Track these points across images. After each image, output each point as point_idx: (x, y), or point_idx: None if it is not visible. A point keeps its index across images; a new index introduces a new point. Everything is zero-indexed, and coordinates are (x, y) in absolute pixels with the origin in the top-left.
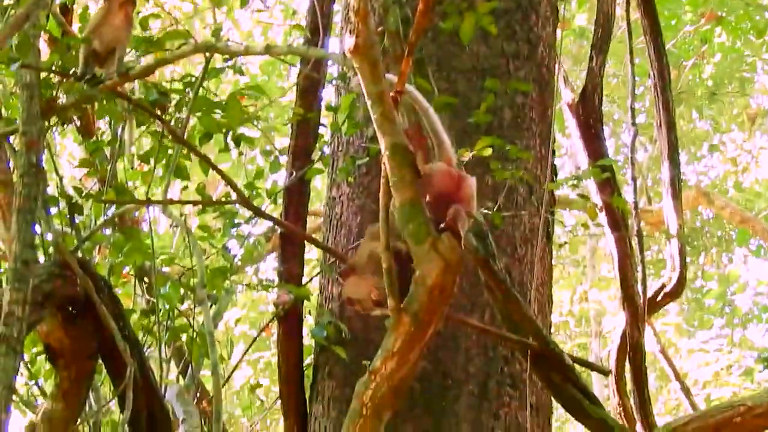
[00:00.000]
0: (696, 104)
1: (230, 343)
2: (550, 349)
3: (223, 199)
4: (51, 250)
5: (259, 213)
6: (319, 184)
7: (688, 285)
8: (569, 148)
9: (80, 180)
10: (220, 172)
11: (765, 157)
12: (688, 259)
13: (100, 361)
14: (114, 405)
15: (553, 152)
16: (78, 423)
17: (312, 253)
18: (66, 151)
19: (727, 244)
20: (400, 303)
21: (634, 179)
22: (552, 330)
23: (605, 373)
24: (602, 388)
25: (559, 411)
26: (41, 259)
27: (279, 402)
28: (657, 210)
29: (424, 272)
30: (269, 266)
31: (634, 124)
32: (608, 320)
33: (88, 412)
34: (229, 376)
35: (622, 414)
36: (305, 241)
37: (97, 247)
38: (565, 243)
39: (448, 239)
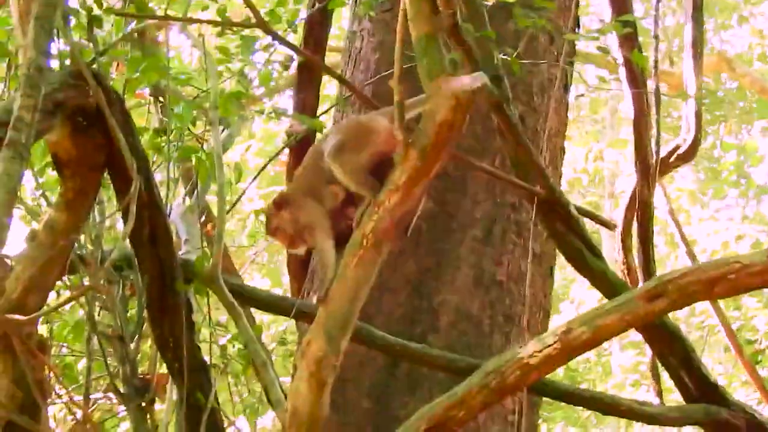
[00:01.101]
0: None
1: (240, 170)
2: (556, 198)
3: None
4: (66, 61)
5: (278, 38)
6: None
7: (705, 154)
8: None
9: None
10: None
11: None
12: (708, 129)
13: (107, 175)
14: (118, 220)
15: (577, 3)
16: (80, 234)
17: (330, 88)
18: None
19: (748, 116)
20: (409, 137)
21: (656, 36)
22: (563, 183)
23: (611, 227)
24: (612, 249)
25: (567, 270)
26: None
27: None
28: (678, 73)
29: (434, 107)
30: (286, 101)
31: None
32: (622, 181)
33: (91, 224)
34: (236, 201)
35: (626, 271)
36: (322, 73)
37: (115, 64)
38: (582, 95)
39: (462, 76)
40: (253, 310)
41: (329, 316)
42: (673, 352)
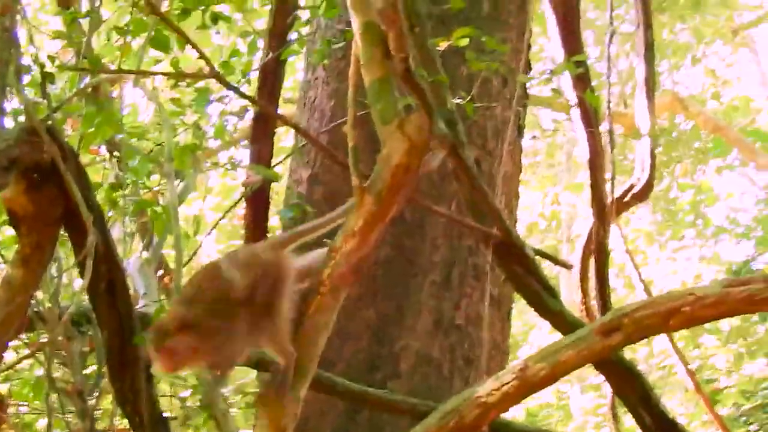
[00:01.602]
0: (679, 13)
1: (198, 222)
2: (512, 240)
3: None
4: (21, 118)
5: (232, 88)
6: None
7: (661, 196)
8: (548, 49)
9: (56, 53)
10: (194, 45)
11: (745, 72)
12: (664, 170)
13: (63, 231)
14: (75, 277)
15: (529, 46)
16: (37, 290)
17: (286, 140)
18: (43, 26)
19: (703, 156)
20: (364, 182)
21: (608, 73)
22: (520, 228)
23: (567, 266)
24: (570, 292)
25: (526, 315)
26: (10, 125)
27: None
28: (631, 114)
29: (389, 151)
30: (242, 153)
31: (611, 18)
32: (579, 225)
33: (48, 280)
34: (193, 254)
35: (585, 312)
36: (277, 123)
37: (70, 120)
38: (535, 137)
39: (416, 119)
40: None
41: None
42: (631, 390)
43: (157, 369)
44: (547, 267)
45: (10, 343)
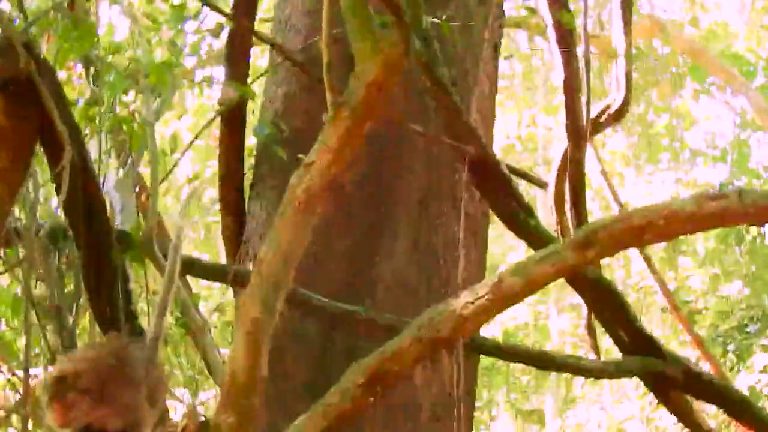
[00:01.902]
0: None
1: (175, 140)
2: (488, 158)
3: None
4: None
5: (207, 4)
6: None
7: (638, 119)
8: None
9: None
10: None
11: None
12: (641, 94)
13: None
14: (52, 195)
15: None
16: (13, 205)
17: (262, 61)
18: None
19: (680, 80)
20: (339, 98)
21: None
22: (496, 150)
23: (542, 185)
24: (546, 213)
25: (504, 237)
26: None
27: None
28: (608, 38)
29: (364, 68)
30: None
31: None
32: (555, 147)
33: (25, 196)
34: (170, 171)
35: (560, 232)
36: (252, 41)
37: (46, 36)
38: (511, 56)
39: (391, 36)
40: (191, 283)
41: (264, 279)
42: (607, 307)
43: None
44: (523, 189)
45: None
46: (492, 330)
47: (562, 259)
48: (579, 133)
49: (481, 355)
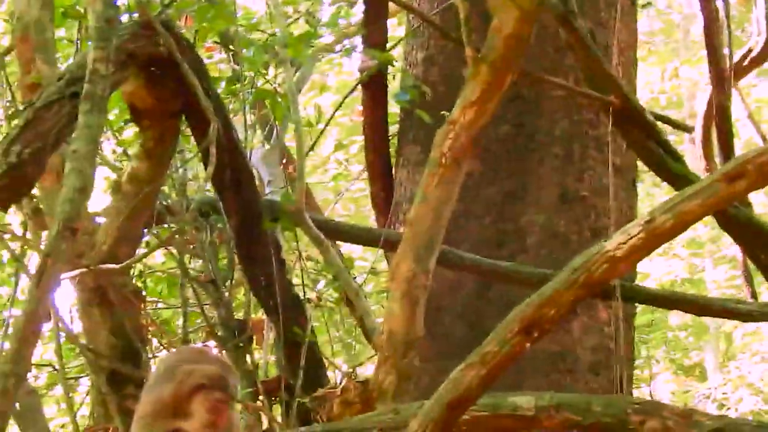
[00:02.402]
0: None
1: (319, 110)
2: (632, 106)
3: None
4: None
5: None
6: None
7: None
8: None
9: None
10: None
11: None
12: None
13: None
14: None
15: None
16: (163, 182)
17: (399, 31)
18: None
19: None
20: (478, 52)
21: None
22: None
23: (688, 129)
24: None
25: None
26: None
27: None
28: None
29: (501, 21)
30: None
31: None
32: (700, 99)
33: (173, 173)
34: (316, 140)
35: None
36: (389, 6)
37: (183, 18)
38: (650, 4)
39: None
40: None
41: (415, 237)
42: (763, 250)
43: None
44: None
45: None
46: (646, 283)
47: (712, 192)
48: (722, 76)
49: (637, 314)
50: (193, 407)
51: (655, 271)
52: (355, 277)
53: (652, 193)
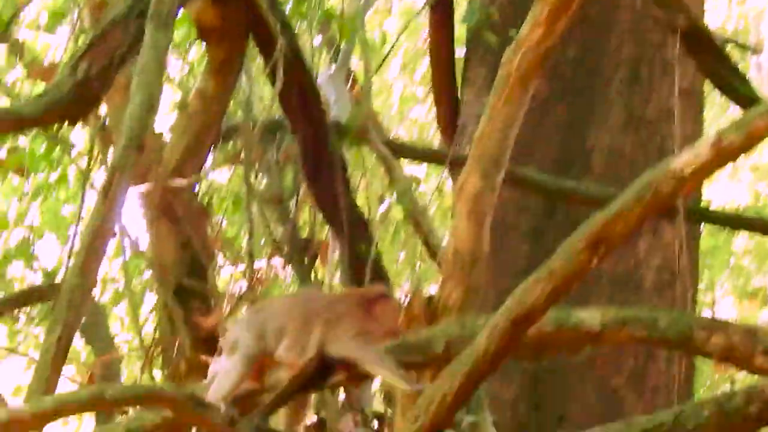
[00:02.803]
0: None
1: (383, 34)
2: (700, 28)
3: None
4: None
5: None
6: None
7: None
8: None
9: None
10: None
11: None
12: None
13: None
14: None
15: None
16: (229, 101)
17: None
18: None
19: None
20: None
21: None
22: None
23: (756, 51)
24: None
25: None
26: None
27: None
28: None
29: None
30: None
31: None
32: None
33: (240, 91)
34: (383, 61)
35: None
36: None
37: None
38: None
39: None
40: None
41: (482, 153)
42: None
43: None
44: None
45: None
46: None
47: None
48: None
49: (702, 239)
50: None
51: (718, 199)
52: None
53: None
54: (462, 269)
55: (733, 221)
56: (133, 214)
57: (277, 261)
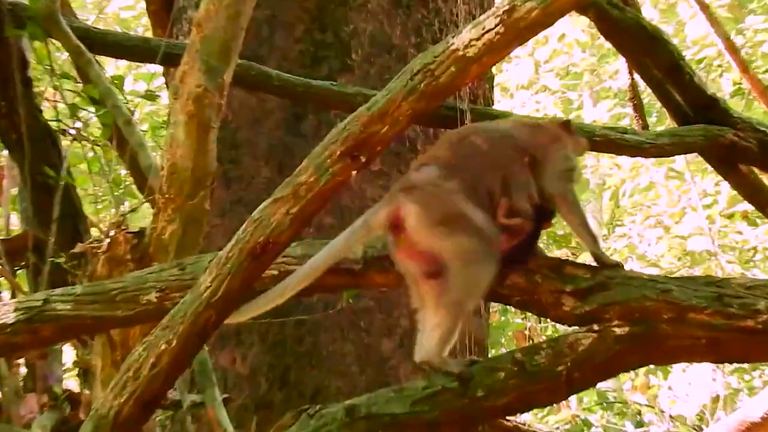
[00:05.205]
0: None
1: None
2: None
3: None
4: None
5: None
6: None
7: None
8: None
9: None
10: None
11: None
12: None
13: None
14: None
15: None
16: None
17: None
18: None
19: None
20: None
21: None
22: None
23: None
24: None
25: None
26: None
27: None
28: None
29: None
30: None
31: None
32: None
33: None
34: None
35: None
36: None
37: None
38: None
39: None
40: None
41: (205, 43)
42: (656, 63)
43: None
44: None
45: None
46: None
47: None
48: None
49: None
50: None
51: (523, 109)
52: (126, 102)
53: None
54: (181, 193)
55: None
56: None
57: None
